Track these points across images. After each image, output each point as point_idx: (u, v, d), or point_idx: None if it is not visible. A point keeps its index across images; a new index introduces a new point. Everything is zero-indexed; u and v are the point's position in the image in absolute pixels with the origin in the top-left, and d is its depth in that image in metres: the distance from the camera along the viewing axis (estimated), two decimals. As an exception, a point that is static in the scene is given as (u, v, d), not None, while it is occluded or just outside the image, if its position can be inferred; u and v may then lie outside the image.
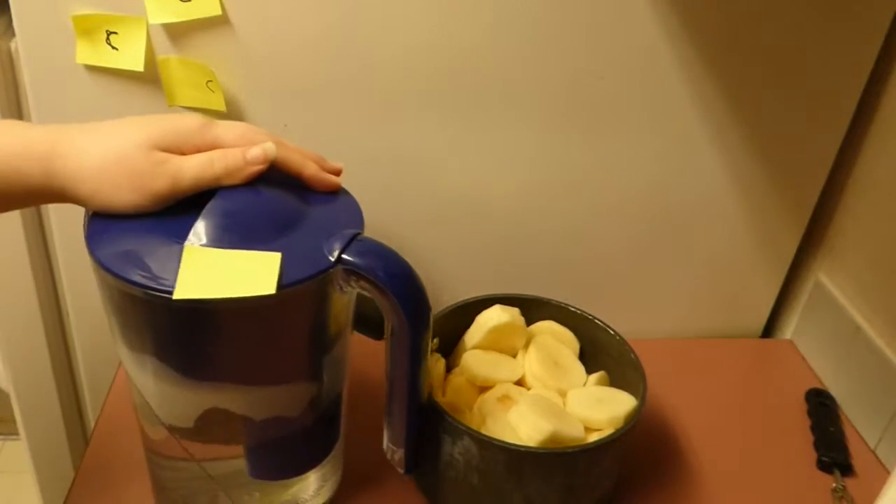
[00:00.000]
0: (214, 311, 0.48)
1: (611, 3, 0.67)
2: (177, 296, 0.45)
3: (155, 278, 0.46)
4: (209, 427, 0.54)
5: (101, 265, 0.47)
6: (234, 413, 0.53)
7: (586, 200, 0.78)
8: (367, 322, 0.60)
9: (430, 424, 0.60)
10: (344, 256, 0.49)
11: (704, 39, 0.70)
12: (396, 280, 0.50)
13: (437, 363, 0.66)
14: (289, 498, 0.61)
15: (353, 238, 0.50)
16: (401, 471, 0.60)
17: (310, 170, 0.54)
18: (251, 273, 0.47)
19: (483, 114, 0.72)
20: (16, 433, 0.86)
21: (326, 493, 0.64)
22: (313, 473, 0.61)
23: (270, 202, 0.52)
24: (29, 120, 0.70)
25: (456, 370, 0.68)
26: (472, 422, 0.63)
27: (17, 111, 0.72)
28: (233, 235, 0.48)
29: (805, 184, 0.80)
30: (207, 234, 0.48)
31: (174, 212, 0.50)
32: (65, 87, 0.66)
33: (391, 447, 0.60)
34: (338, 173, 0.57)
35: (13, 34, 0.65)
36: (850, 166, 0.79)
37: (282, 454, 0.58)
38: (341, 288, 0.51)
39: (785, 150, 0.77)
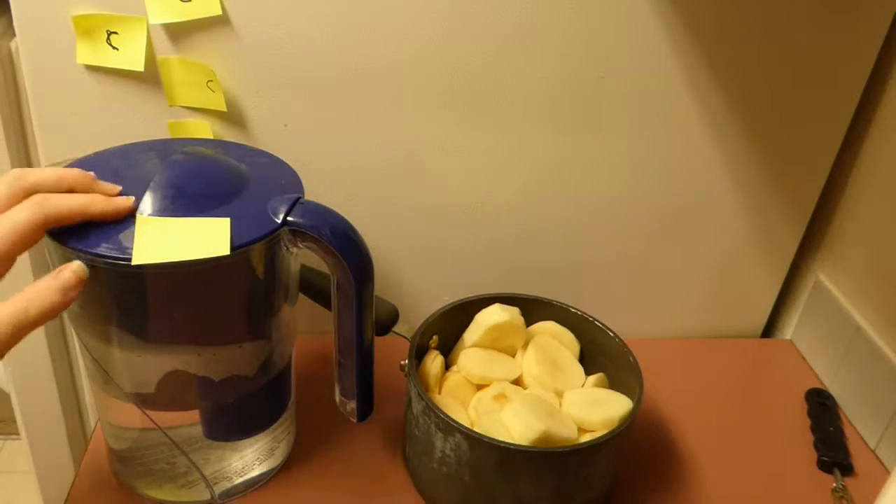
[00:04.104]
0: (175, 275, 0.51)
1: (611, 3, 0.67)
2: (135, 261, 0.47)
3: (118, 248, 0.48)
4: (170, 391, 0.57)
5: (63, 243, 0.48)
6: (193, 374, 0.56)
7: (586, 200, 0.78)
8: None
9: (424, 421, 0.60)
10: (290, 218, 0.53)
11: (705, 39, 0.70)
12: (340, 237, 0.54)
13: (435, 360, 0.66)
14: (243, 460, 0.63)
15: (296, 201, 0.53)
16: (353, 420, 0.63)
17: (97, 207, 0.49)
18: (204, 237, 0.49)
19: (484, 113, 0.72)
20: (16, 433, 0.86)
21: (280, 456, 0.66)
22: (267, 435, 0.64)
23: (214, 172, 0.55)
24: (29, 120, 0.70)
25: (454, 368, 0.68)
26: (468, 419, 0.63)
27: (17, 111, 0.72)
28: (181, 205, 0.51)
29: (805, 184, 0.80)
30: (157, 205, 0.51)
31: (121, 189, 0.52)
32: (65, 87, 0.66)
33: (343, 400, 0.63)
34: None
35: (13, 34, 0.65)
36: (850, 166, 0.80)
37: (236, 416, 0.61)
38: (288, 248, 0.55)
39: (785, 150, 0.77)
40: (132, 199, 0.51)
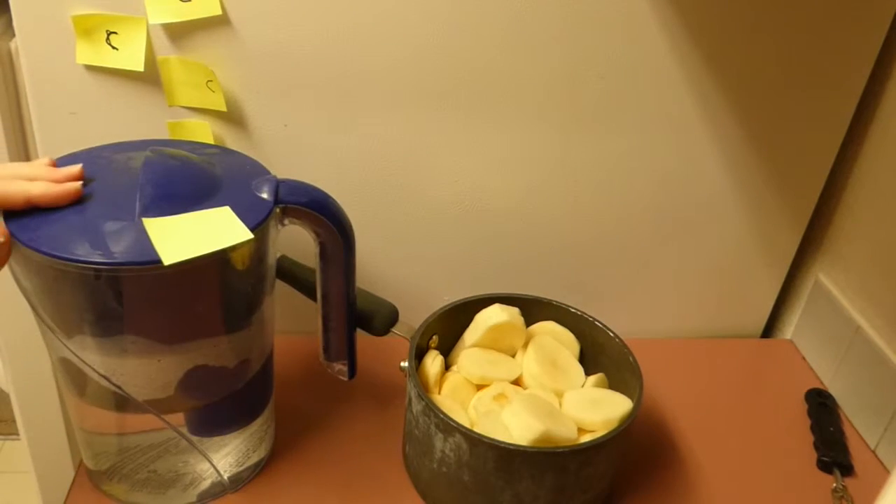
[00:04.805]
0: (196, 269, 0.51)
1: (611, 3, 0.67)
2: (167, 262, 0.47)
3: (139, 253, 0.48)
4: (188, 389, 0.57)
5: (77, 260, 0.48)
6: (211, 367, 0.57)
7: (586, 200, 0.78)
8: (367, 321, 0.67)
9: (424, 421, 0.60)
10: (280, 198, 0.56)
11: (705, 40, 0.70)
12: (328, 209, 0.58)
13: (435, 360, 0.66)
14: (225, 457, 0.63)
15: (278, 182, 0.56)
16: (344, 379, 0.68)
17: (36, 190, 0.50)
18: (215, 227, 0.50)
19: (484, 114, 0.72)
20: (16, 433, 0.86)
21: (264, 450, 0.67)
22: (250, 429, 0.64)
23: (191, 169, 0.56)
24: (29, 120, 0.70)
25: (454, 368, 0.68)
26: (468, 419, 0.63)
27: (17, 111, 0.72)
28: (177, 203, 0.52)
29: (805, 184, 0.80)
30: (151, 208, 0.51)
31: (93, 200, 0.52)
32: (65, 87, 0.66)
33: (331, 363, 0.68)
34: (78, 176, 0.53)
35: (13, 34, 0.65)
36: (850, 166, 0.80)
37: (220, 411, 0.61)
38: (276, 226, 0.57)
39: (785, 150, 0.77)
40: (79, 184, 0.51)
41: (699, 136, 0.75)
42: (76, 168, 0.52)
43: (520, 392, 0.66)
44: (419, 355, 0.67)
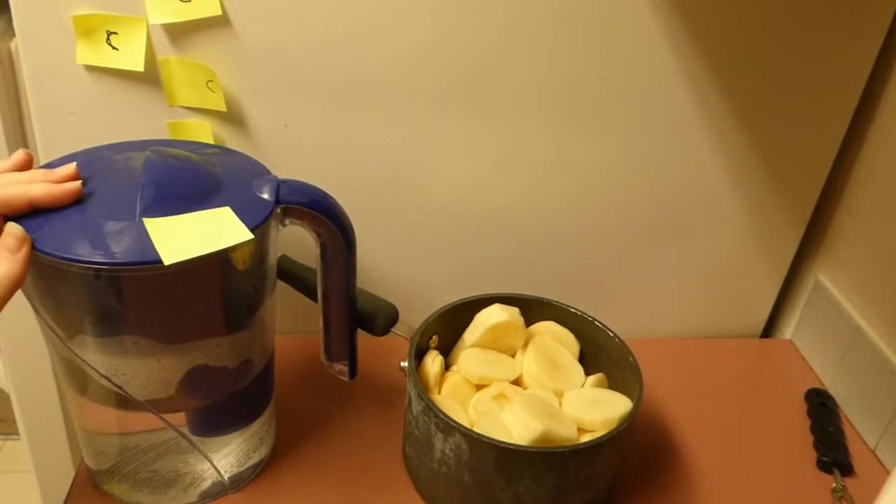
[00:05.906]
0: (197, 269, 0.51)
1: (612, 4, 0.67)
2: (167, 262, 0.47)
3: (138, 253, 0.48)
4: (189, 389, 0.57)
5: (78, 260, 0.48)
6: (212, 367, 0.57)
7: (586, 200, 0.78)
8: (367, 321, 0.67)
9: (423, 421, 0.60)
10: (281, 198, 0.56)
11: (705, 40, 0.70)
12: (329, 209, 0.58)
13: (435, 360, 0.66)
14: (226, 457, 0.63)
15: (278, 182, 0.56)
16: (345, 379, 0.68)
17: (37, 191, 0.50)
18: (216, 228, 0.50)
19: (484, 114, 0.72)
20: (16, 433, 0.86)
21: (264, 450, 0.67)
22: (251, 429, 0.64)
23: (193, 169, 0.56)
24: (29, 120, 0.70)
25: (454, 368, 0.68)
26: (468, 419, 0.63)
27: (17, 111, 0.72)
28: (178, 204, 0.52)
29: (805, 184, 0.80)
30: (152, 208, 0.51)
31: (93, 201, 0.52)
32: (65, 87, 0.66)
33: (332, 363, 0.68)
34: (75, 176, 0.52)
35: (13, 34, 0.65)
36: (849, 166, 0.80)
37: (221, 411, 0.61)
38: (277, 227, 0.58)
39: (785, 150, 0.77)
40: (79, 183, 0.51)
41: (699, 136, 0.75)
42: (72, 167, 0.52)
43: (520, 392, 0.66)
44: (419, 355, 0.67)
